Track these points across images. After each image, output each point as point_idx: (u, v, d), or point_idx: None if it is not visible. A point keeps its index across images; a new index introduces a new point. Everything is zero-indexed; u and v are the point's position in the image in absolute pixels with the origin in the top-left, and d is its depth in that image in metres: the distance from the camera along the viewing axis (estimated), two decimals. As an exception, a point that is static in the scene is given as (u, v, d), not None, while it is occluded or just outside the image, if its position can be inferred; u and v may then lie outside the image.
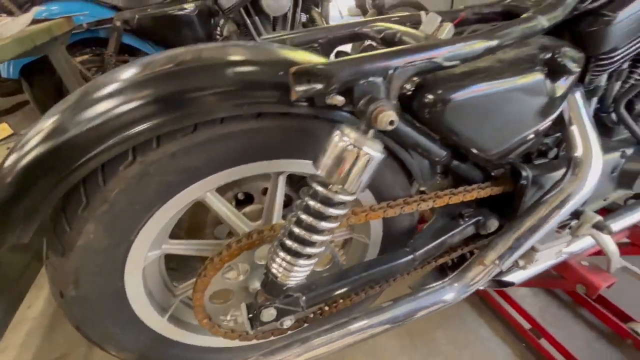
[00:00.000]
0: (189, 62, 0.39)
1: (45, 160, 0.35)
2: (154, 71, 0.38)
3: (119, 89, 0.37)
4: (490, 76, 0.45)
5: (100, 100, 0.37)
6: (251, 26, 1.65)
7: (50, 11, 1.31)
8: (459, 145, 0.51)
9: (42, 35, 1.00)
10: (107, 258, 0.45)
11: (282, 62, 0.40)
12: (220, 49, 0.41)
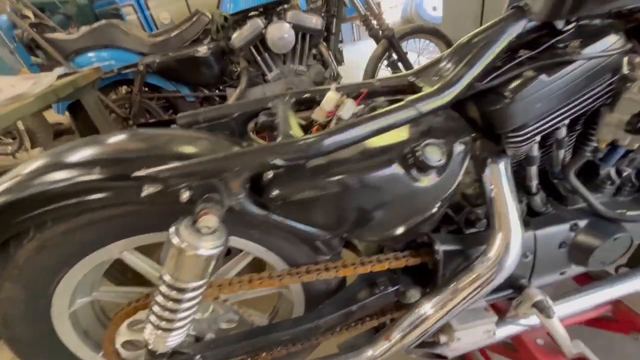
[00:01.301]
0: (69, 156, 0.46)
1: None
2: (44, 165, 0.46)
3: (28, 176, 0.46)
4: (342, 170, 0.45)
5: (10, 188, 0.45)
6: (262, 63, 1.76)
7: (85, 61, 1.56)
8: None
9: (67, 88, 1.20)
10: (30, 307, 0.54)
11: (149, 156, 0.45)
12: (102, 144, 0.48)
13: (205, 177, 0.40)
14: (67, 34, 1.63)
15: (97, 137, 0.51)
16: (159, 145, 0.48)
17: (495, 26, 0.50)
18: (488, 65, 0.49)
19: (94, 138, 0.50)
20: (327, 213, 0.48)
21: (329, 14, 1.78)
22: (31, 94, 1.05)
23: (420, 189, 0.47)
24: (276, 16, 1.71)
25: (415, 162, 0.45)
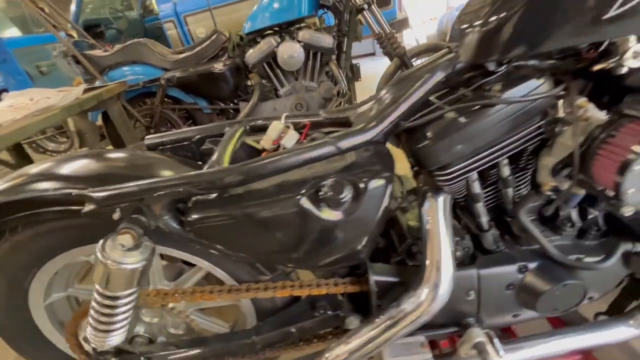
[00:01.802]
0: (41, 172, 0.53)
1: None
2: (21, 178, 0.54)
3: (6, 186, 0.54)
4: (254, 201, 0.48)
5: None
6: (274, 78, 1.84)
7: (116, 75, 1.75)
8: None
9: (91, 101, 1.35)
10: (10, 298, 0.63)
11: (99, 176, 0.52)
12: (67, 163, 0.55)
13: (131, 201, 0.46)
14: (103, 51, 1.83)
15: (69, 155, 0.59)
16: (111, 167, 0.55)
17: (427, 65, 0.51)
18: (415, 104, 0.50)
19: (67, 156, 0.58)
20: (238, 240, 0.51)
21: (340, 33, 1.82)
22: (58, 106, 1.20)
23: (331, 222, 0.49)
24: (289, 35, 1.79)
25: (322, 197, 0.47)
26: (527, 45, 0.43)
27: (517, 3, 0.42)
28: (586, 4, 0.39)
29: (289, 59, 1.72)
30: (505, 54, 0.44)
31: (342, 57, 1.87)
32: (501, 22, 0.43)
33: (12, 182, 0.52)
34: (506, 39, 0.43)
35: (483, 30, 0.44)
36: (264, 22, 1.73)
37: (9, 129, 1.03)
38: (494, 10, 0.44)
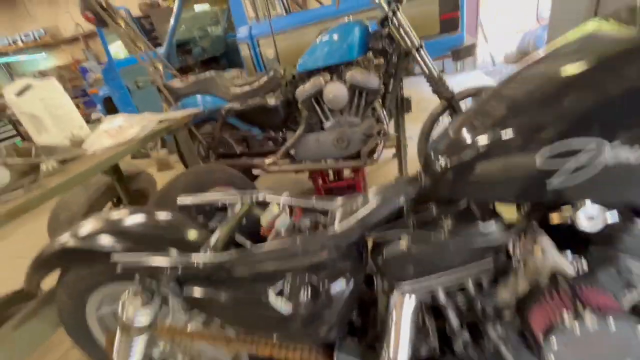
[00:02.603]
0: (88, 227, 0.72)
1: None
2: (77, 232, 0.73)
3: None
4: (233, 283, 0.59)
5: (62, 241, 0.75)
6: (320, 113, 1.96)
7: (188, 103, 2.05)
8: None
9: (163, 131, 1.62)
10: (74, 310, 0.84)
11: (129, 235, 0.68)
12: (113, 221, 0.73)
13: (143, 274, 0.61)
14: (180, 81, 2.15)
15: (113, 214, 0.78)
16: (140, 229, 0.71)
17: (394, 185, 0.56)
18: (380, 220, 0.56)
19: (111, 215, 0.77)
20: (223, 313, 0.62)
21: (387, 74, 1.86)
22: (137, 139, 1.47)
23: (292, 313, 0.57)
24: (337, 74, 1.90)
25: (287, 291, 0.56)
26: (481, 192, 0.46)
27: (478, 151, 0.46)
28: (533, 172, 0.41)
29: (333, 98, 1.82)
30: (461, 195, 0.48)
31: (387, 97, 1.90)
32: (460, 167, 0.47)
33: (78, 231, 0.72)
34: (462, 183, 0.47)
35: (445, 168, 0.49)
36: (315, 64, 1.86)
37: (101, 157, 1.32)
38: (459, 149, 0.48)
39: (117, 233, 0.69)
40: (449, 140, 0.50)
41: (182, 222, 0.74)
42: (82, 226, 0.74)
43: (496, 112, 0.47)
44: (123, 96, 3.45)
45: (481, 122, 0.48)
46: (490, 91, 0.53)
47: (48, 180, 1.19)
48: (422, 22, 3.33)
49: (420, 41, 1.72)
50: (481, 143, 0.43)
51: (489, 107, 0.50)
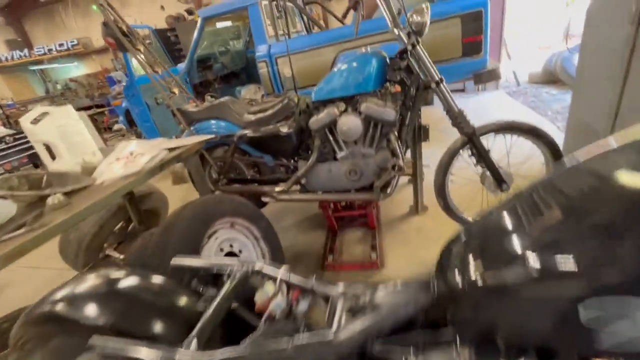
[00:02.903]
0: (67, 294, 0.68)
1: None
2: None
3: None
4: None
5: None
6: (333, 143, 1.91)
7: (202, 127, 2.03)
8: None
9: (172, 161, 1.61)
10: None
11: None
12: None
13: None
14: (195, 106, 2.15)
15: (92, 277, 0.74)
16: (122, 298, 0.66)
17: (404, 288, 0.49)
18: (386, 329, 0.48)
19: (88, 280, 0.73)
20: None
21: (404, 106, 1.79)
22: (145, 170, 1.46)
23: None
24: (352, 105, 1.84)
25: None
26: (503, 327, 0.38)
27: (503, 278, 0.38)
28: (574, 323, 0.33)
29: (347, 130, 1.76)
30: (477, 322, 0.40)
31: (403, 130, 1.83)
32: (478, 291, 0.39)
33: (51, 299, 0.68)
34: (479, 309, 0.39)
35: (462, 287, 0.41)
36: (330, 94, 1.81)
37: (107, 191, 1.30)
38: (481, 267, 0.40)
39: (102, 303, 0.65)
40: (468, 251, 0.42)
41: (173, 294, 0.69)
42: (69, 288, 0.70)
43: (536, 223, 0.39)
44: (142, 112, 3.52)
45: (513, 230, 0.40)
46: (535, 187, 0.45)
47: (53, 215, 1.17)
48: (444, 44, 3.26)
49: (441, 76, 1.64)
50: (510, 270, 0.36)
51: (527, 210, 0.41)
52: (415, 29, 1.60)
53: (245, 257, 1.79)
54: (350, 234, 2.46)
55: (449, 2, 3.21)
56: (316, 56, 3.63)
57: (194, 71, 4.46)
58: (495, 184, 1.80)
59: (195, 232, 1.50)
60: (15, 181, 1.37)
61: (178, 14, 8.44)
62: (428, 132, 2.24)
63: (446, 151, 1.87)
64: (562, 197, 0.41)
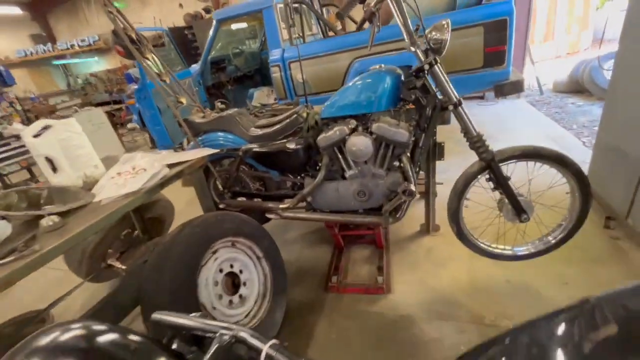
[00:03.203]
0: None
1: None
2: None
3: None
4: None
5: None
6: (342, 161, 1.82)
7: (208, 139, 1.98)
8: None
9: (173, 179, 1.56)
10: None
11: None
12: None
13: None
14: (200, 117, 2.10)
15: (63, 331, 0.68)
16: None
17: None
18: None
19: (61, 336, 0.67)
20: None
21: (418, 128, 1.69)
22: (143, 191, 1.41)
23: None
24: (363, 124, 1.75)
25: None
26: None
27: None
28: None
29: (356, 151, 1.67)
30: None
31: (417, 152, 1.72)
32: None
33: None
34: None
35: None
36: (340, 112, 1.73)
37: (102, 213, 1.26)
38: None
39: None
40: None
41: (152, 357, 0.63)
42: (43, 346, 0.64)
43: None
44: (153, 116, 3.51)
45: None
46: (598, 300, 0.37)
47: (45, 239, 1.13)
48: (465, 54, 3.11)
49: (459, 97, 1.53)
50: None
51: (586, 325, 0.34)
52: (434, 46, 1.49)
53: (245, 278, 1.73)
54: (357, 251, 2.38)
55: (472, 9, 3.06)
56: (330, 62, 3.54)
57: (207, 73, 4.44)
58: (514, 213, 1.68)
59: (194, 254, 1.45)
60: (14, 197, 1.35)
61: (196, 12, 8.48)
62: (443, 150, 2.13)
63: (462, 175, 1.76)
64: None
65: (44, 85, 10.75)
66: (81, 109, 6.21)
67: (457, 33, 3.04)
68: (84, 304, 2.34)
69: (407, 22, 1.46)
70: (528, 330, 0.39)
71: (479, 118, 4.67)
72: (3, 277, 0.95)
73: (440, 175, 2.87)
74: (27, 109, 6.14)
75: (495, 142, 3.67)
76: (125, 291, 1.67)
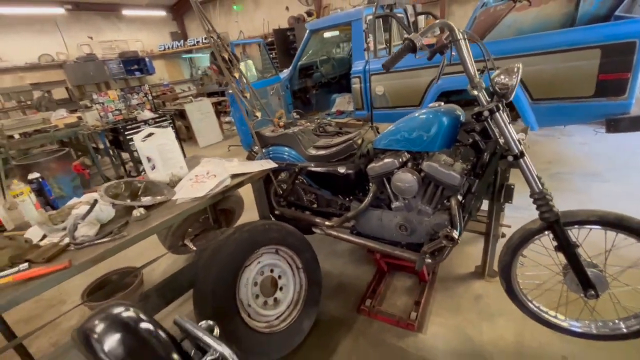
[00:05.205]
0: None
1: None
2: None
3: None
4: None
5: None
6: (390, 192, 1.83)
7: (273, 152, 2.21)
8: None
9: (234, 188, 1.81)
10: None
11: None
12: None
13: None
14: (270, 131, 2.34)
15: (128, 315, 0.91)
16: (132, 340, 0.82)
17: None
18: None
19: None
20: None
21: (473, 171, 1.58)
22: (207, 197, 1.69)
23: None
24: (414, 160, 1.72)
25: None
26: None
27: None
28: None
29: (400, 187, 1.67)
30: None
31: (469, 197, 1.62)
32: None
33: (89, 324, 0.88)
34: None
35: None
36: (391, 145, 1.73)
37: (175, 211, 1.57)
38: None
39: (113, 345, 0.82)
40: None
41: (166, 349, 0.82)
42: (102, 321, 0.90)
43: None
44: (241, 117, 3.98)
45: None
46: None
47: (133, 226, 1.48)
48: (570, 79, 2.69)
49: (522, 149, 1.38)
50: None
51: None
52: (500, 91, 1.38)
53: (283, 283, 1.91)
54: (399, 279, 2.35)
55: (592, 28, 2.60)
56: (412, 77, 3.45)
57: (295, 78, 4.78)
58: (579, 285, 1.46)
59: (240, 256, 1.68)
60: (122, 187, 1.77)
61: (299, 15, 9.07)
62: (512, 192, 1.93)
63: (520, 229, 1.59)
64: None
65: (174, 74, 12.96)
66: (195, 99, 7.34)
67: (566, 55, 2.64)
68: (165, 270, 2.87)
69: (468, 66, 1.39)
70: None
71: (591, 149, 3.94)
72: (98, 255, 1.30)
73: (512, 214, 2.59)
74: (155, 95, 7.53)
75: (600, 182, 3.09)
76: (185, 274, 2.03)
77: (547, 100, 2.85)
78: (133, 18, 11.75)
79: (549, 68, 2.73)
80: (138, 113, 5.15)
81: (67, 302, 2.71)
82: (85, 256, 1.29)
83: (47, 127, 4.86)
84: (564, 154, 3.94)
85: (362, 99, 3.91)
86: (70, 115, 5.75)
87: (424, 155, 1.70)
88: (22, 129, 4.77)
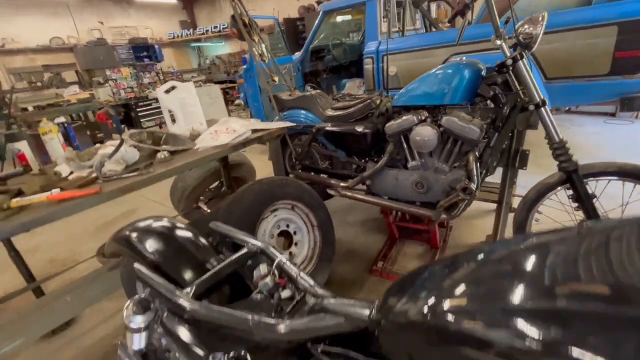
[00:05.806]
0: None
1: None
2: None
3: None
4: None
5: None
6: (407, 151, 1.86)
7: (289, 115, 2.24)
8: None
9: (254, 141, 1.84)
10: (127, 285, 1.07)
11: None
12: None
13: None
14: (288, 95, 2.37)
15: (168, 225, 0.95)
16: (170, 241, 0.85)
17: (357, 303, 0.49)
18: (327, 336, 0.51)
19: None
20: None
21: (492, 127, 1.60)
22: (229, 145, 1.72)
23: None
24: (432, 116, 1.74)
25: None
26: None
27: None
28: None
29: (419, 141, 1.69)
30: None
31: (486, 152, 1.64)
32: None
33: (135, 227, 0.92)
34: None
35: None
36: (411, 101, 1.76)
37: (196, 156, 1.60)
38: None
39: (153, 242, 0.86)
40: (418, 287, 0.41)
41: (201, 250, 0.86)
42: (142, 225, 0.94)
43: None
44: (254, 93, 4.02)
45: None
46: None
47: (158, 166, 1.51)
48: (586, 57, 2.70)
49: (543, 98, 1.41)
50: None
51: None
52: (523, 40, 1.40)
53: (297, 239, 1.94)
54: (410, 245, 2.37)
55: (611, 5, 2.59)
56: (426, 56, 3.47)
57: (307, 61, 4.79)
58: (595, 238, 1.47)
59: (258, 206, 1.71)
60: (144, 135, 1.81)
61: (309, 5, 9.07)
62: (527, 158, 1.94)
63: (536, 185, 1.61)
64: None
65: (182, 63, 13.01)
66: (204, 84, 7.38)
67: (582, 33, 2.65)
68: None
69: (495, 15, 1.41)
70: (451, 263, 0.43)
71: (601, 138, 3.94)
72: (126, 185, 1.34)
73: (520, 190, 2.61)
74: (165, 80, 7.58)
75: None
76: (201, 226, 2.06)
77: (561, 80, 2.86)
78: (143, 5, 11.80)
79: (564, 46, 2.74)
80: (149, 92, 5.19)
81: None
82: (114, 185, 1.33)
83: (59, 102, 4.91)
84: (575, 143, 3.94)
85: (374, 79, 3.93)
86: (83, 92, 5.81)
87: (442, 112, 1.73)
88: (36, 102, 4.83)
